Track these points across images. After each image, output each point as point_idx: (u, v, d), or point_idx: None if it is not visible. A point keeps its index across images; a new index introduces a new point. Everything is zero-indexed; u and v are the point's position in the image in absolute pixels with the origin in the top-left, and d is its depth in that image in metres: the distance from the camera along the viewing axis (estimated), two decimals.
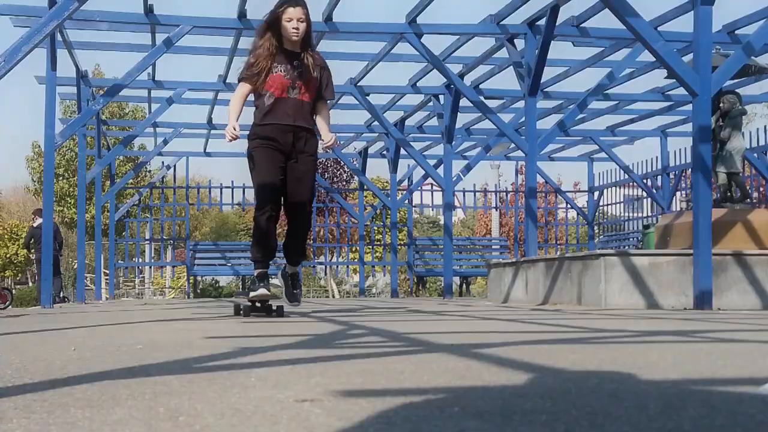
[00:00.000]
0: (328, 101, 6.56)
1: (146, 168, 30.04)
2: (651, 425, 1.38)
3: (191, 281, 22.53)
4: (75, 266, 17.40)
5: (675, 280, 8.20)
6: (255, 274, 6.25)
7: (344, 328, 4.57)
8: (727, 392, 1.80)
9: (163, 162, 21.51)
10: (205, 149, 20.96)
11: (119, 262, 22.66)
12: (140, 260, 24.25)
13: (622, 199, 22.73)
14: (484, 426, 1.38)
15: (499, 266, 11.43)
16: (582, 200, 24.39)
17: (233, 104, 6.23)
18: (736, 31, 12.26)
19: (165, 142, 18.88)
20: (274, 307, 6.37)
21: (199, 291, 25.40)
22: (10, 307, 13.77)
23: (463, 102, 14.60)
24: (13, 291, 18.32)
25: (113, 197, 19.79)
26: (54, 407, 1.63)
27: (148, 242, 24.60)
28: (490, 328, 4.47)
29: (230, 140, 6.03)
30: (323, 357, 2.76)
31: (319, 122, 6.39)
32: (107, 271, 22.05)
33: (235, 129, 6.00)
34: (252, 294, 6.18)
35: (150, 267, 32.36)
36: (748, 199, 10.60)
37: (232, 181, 22.05)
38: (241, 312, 6.44)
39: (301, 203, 6.22)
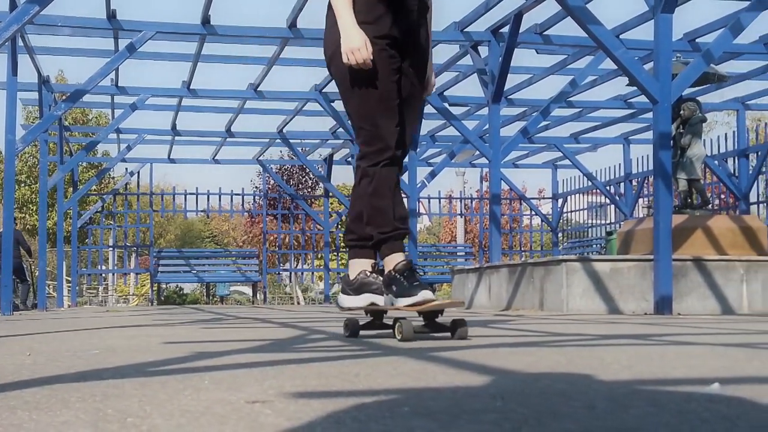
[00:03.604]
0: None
1: (110, 174, 29.83)
2: (596, 423, 1.39)
3: (155, 288, 22.37)
4: (36, 273, 17.23)
5: (636, 286, 8.27)
6: (397, 267, 3.77)
7: (305, 333, 4.56)
8: (677, 392, 1.82)
9: (126, 168, 21.38)
10: (169, 156, 20.86)
11: (82, 269, 22.46)
12: (103, 267, 24.08)
13: (586, 206, 22.91)
14: (431, 425, 1.38)
15: (462, 272, 11.46)
16: (547, 207, 24.55)
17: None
18: (697, 40, 12.42)
19: (128, 149, 18.76)
20: (443, 321, 3.82)
21: (163, 298, 25.22)
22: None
23: (428, 108, 14.64)
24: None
25: (76, 204, 19.61)
26: (1, 410, 1.61)
27: (111, 249, 24.43)
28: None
29: (361, 63, 3.77)
30: (280, 360, 2.75)
31: None
32: (70, 279, 21.86)
33: (367, 45, 3.78)
34: (407, 301, 3.69)
35: (113, 274, 32.10)
36: (709, 206, 10.71)
37: (197, 188, 21.97)
38: (364, 327, 4.01)
39: (411, 140, 4.13)
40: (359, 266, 3.99)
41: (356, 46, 3.75)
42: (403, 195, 4.47)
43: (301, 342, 3.85)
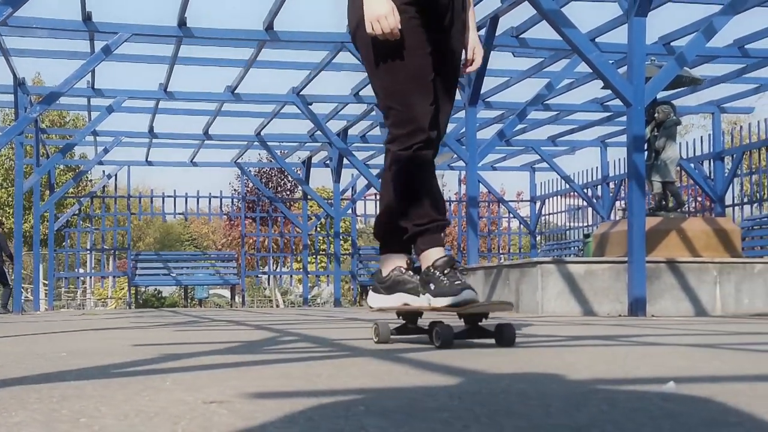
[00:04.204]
0: None
1: (87, 177, 29.68)
2: (548, 421, 1.40)
3: (133, 292, 22.27)
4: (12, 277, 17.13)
5: (610, 288, 8.31)
6: (436, 263, 3.33)
7: (277, 335, 4.56)
8: (633, 390, 1.84)
9: (104, 171, 21.29)
10: (147, 158, 20.77)
11: (60, 272, 22.33)
12: (81, 271, 23.98)
13: (564, 209, 22.99)
14: (383, 423, 1.39)
15: None
16: (525, 210, 24.63)
17: None
18: (672, 43, 12.49)
19: (105, 151, 18.67)
20: (489, 325, 3.29)
21: (141, 301, 25.13)
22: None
23: None
24: None
25: (53, 207, 19.51)
26: None
27: (88, 252, 24.35)
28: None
29: (387, 33, 3.30)
30: (247, 362, 2.75)
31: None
32: (47, 282, 21.73)
33: (394, 12, 3.32)
34: (446, 301, 3.24)
35: (90, 278, 31.93)
36: (683, 208, 10.78)
37: (174, 191, 21.89)
38: (396, 332, 3.58)
39: (447, 120, 3.66)
40: (392, 262, 3.55)
41: (381, 13, 3.30)
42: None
43: (271, 344, 3.85)
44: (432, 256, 3.37)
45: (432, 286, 3.30)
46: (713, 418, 1.42)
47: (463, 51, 3.62)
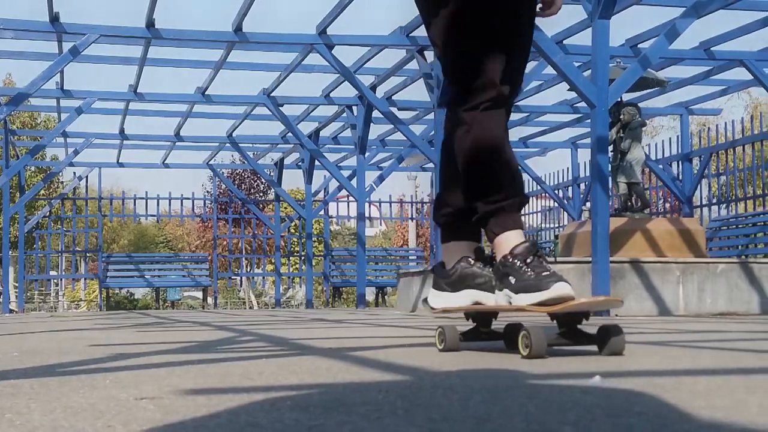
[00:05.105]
0: None
1: (58, 179, 29.52)
2: (462, 413, 1.43)
3: (104, 294, 22.17)
4: None
5: (575, 288, 8.34)
6: (515, 251, 2.67)
7: (236, 335, 4.58)
8: (558, 385, 1.88)
9: (74, 173, 21.19)
10: (118, 160, 20.68)
11: (31, 275, 22.20)
12: (53, 273, 23.89)
13: (536, 210, 23.10)
14: (301, 416, 1.42)
15: (407, 276, 11.52)
16: None
17: None
18: (639, 45, 12.58)
19: (75, 153, 18.58)
20: (592, 328, 2.76)
21: (113, 304, 25.00)
22: None
23: (376, 113, 14.68)
24: None
25: (23, 208, 19.38)
26: None
27: (59, 255, 24.24)
28: (380, 334, 4.52)
29: None
30: (194, 360, 2.77)
31: None
32: (17, 285, 21.59)
33: None
34: (533, 298, 2.60)
35: (61, 280, 31.75)
36: (647, 209, 10.87)
37: (146, 192, 21.82)
38: (465, 337, 2.87)
39: (521, 74, 3.03)
40: (458, 251, 2.89)
41: None
42: (352, 198, 3.75)
43: (227, 343, 3.87)
44: (510, 241, 2.71)
45: (512, 280, 2.64)
46: (621, 407, 1.46)
47: None
